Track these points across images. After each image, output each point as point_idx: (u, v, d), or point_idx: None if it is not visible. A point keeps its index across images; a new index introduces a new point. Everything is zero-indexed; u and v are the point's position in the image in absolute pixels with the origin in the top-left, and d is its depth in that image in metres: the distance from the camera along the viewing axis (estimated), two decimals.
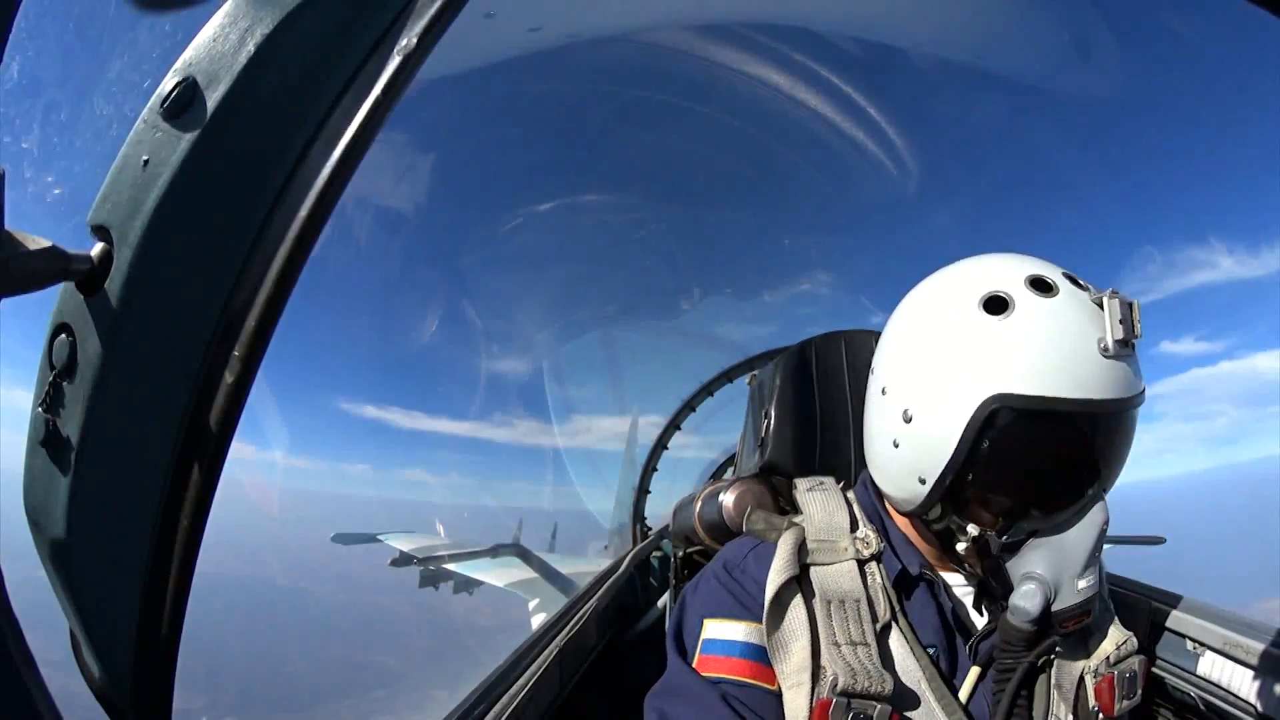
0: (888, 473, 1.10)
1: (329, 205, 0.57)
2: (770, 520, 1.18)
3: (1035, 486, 1.01)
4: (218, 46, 0.60)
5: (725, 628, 1.11)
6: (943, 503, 1.03)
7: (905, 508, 1.10)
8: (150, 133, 0.61)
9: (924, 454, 1.01)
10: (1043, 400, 0.92)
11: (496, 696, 1.63)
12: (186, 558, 0.60)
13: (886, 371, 1.08)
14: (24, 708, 0.56)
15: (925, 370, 1.01)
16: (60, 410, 0.63)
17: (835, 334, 2.09)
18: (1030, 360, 0.93)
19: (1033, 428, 0.95)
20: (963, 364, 0.97)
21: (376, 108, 0.56)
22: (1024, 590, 1.00)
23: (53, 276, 0.59)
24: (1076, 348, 0.93)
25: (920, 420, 1.01)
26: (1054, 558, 1.00)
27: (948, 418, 0.97)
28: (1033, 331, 0.94)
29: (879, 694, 0.98)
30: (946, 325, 1.01)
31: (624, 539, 5.02)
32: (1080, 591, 0.99)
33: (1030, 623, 1.00)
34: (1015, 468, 0.98)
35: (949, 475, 0.99)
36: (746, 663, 1.08)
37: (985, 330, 0.96)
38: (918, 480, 1.03)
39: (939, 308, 1.04)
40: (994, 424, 0.95)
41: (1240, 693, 1.48)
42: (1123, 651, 1.10)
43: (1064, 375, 0.92)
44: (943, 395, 0.98)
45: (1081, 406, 0.92)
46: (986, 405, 0.94)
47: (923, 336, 1.04)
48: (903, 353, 1.06)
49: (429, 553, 13.99)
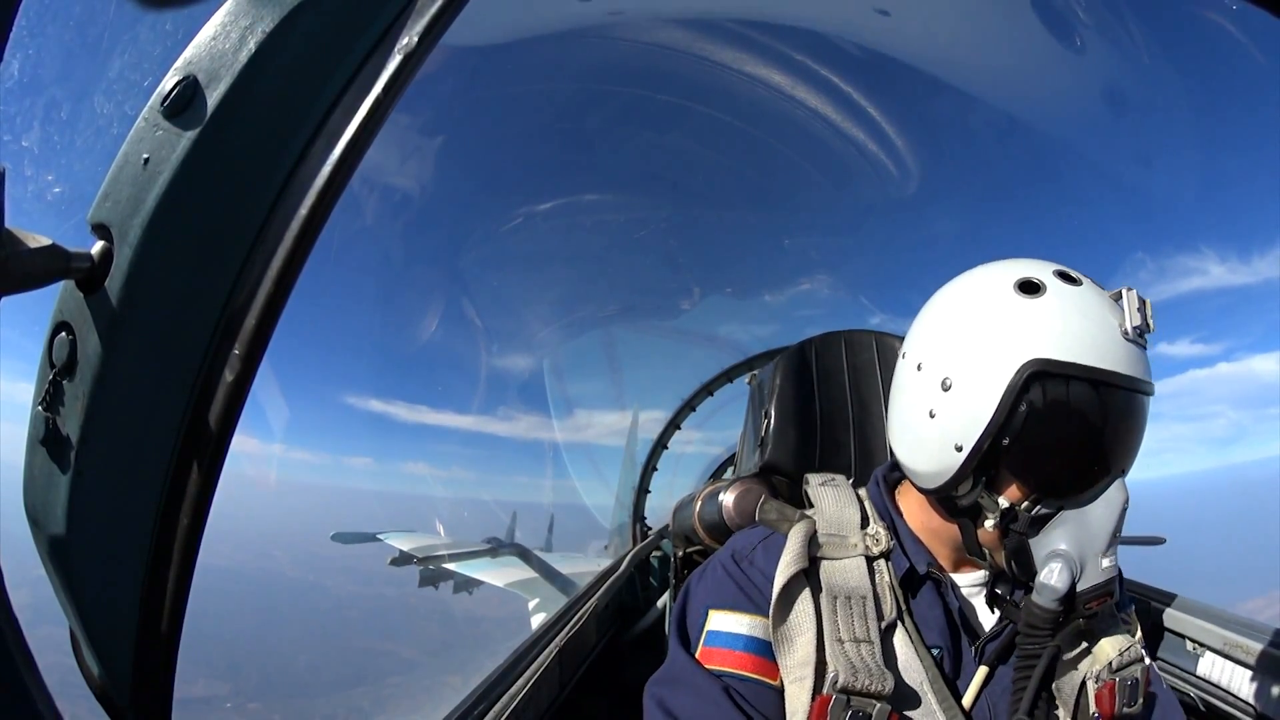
0: (921, 447, 1.11)
1: (329, 204, 0.57)
2: (783, 511, 1.18)
3: (1068, 455, 1.03)
4: (218, 45, 0.60)
5: (730, 619, 1.11)
6: (975, 474, 1.05)
7: (935, 482, 1.09)
8: (151, 131, 0.61)
9: (963, 419, 1.04)
10: (1077, 367, 0.98)
11: (496, 696, 1.63)
12: (186, 556, 0.60)
13: (922, 349, 1.12)
14: (24, 708, 0.56)
15: (964, 341, 1.06)
16: (60, 409, 0.63)
17: (835, 334, 2.09)
18: (1064, 331, 1.00)
19: (1067, 392, 1.00)
20: (1001, 333, 1.03)
21: (377, 106, 0.56)
22: (1051, 568, 1.01)
23: (53, 275, 0.59)
24: (1102, 326, 1.01)
25: (959, 387, 1.05)
26: (1079, 535, 1.01)
27: (987, 382, 1.01)
28: (1064, 309, 1.02)
29: (879, 693, 0.98)
30: (984, 303, 1.07)
31: (624, 538, 5.02)
32: (1104, 570, 1.00)
33: (1057, 601, 1.00)
34: (1050, 434, 1.01)
35: (987, 439, 1.01)
36: (749, 656, 1.08)
37: (1021, 306, 1.03)
38: (954, 448, 1.05)
39: (975, 291, 1.10)
40: (1031, 388, 1.00)
41: (1240, 693, 1.48)
42: (1126, 658, 1.09)
43: (1094, 348, 0.99)
44: (982, 362, 1.03)
45: (1110, 377, 0.98)
46: (1025, 369, 0.99)
47: (961, 314, 1.10)
48: (940, 330, 1.11)
49: (429, 552, 13.98)
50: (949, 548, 1.16)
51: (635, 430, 5.54)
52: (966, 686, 1.09)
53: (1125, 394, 1.01)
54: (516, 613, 10.88)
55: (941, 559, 1.16)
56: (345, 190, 0.58)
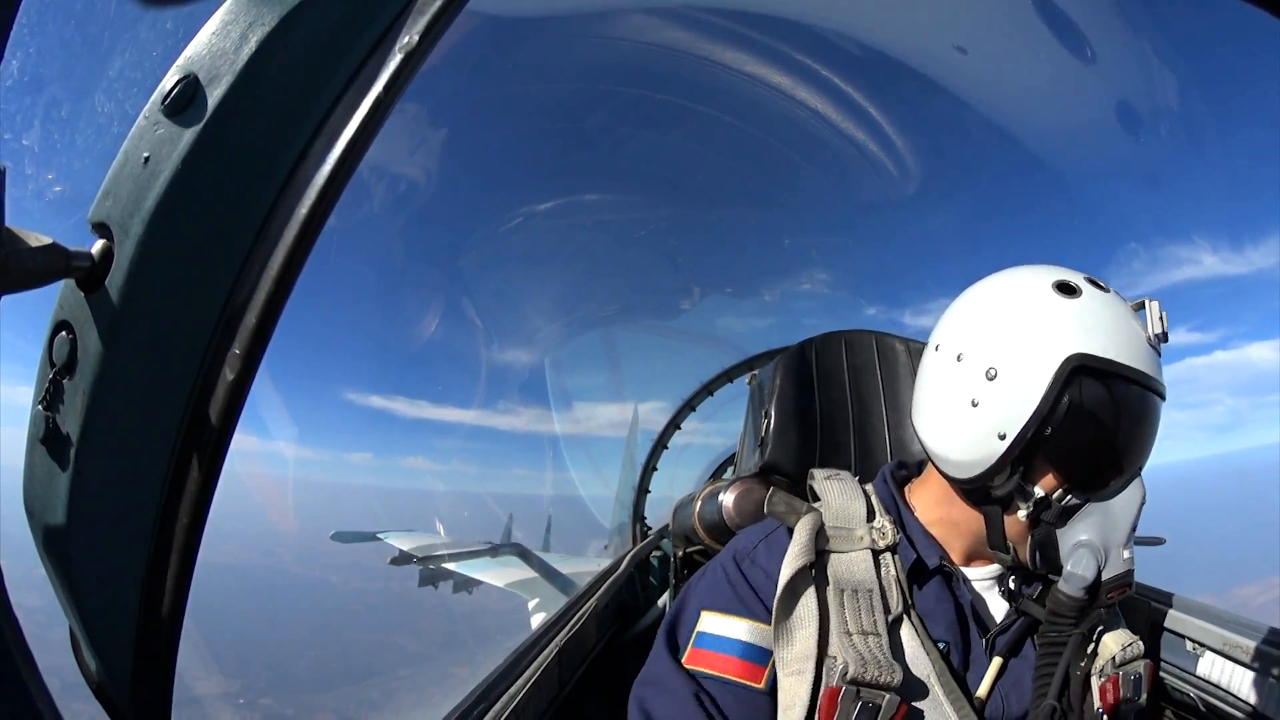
0: (960, 436, 1.12)
1: (330, 203, 0.57)
2: (791, 503, 1.19)
3: (1101, 448, 1.06)
4: (219, 44, 0.60)
5: (723, 623, 1.11)
6: (1014, 463, 1.07)
7: (973, 471, 1.10)
8: (151, 130, 0.61)
9: (1008, 408, 1.06)
10: (1117, 365, 1.03)
11: (496, 696, 1.63)
12: (186, 555, 0.60)
13: (960, 341, 1.14)
14: (24, 708, 0.56)
15: (1009, 333, 1.09)
16: (60, 408, 0.63)
17: (835, 334, 2.09)
18: (1104, 330, 1.05)
19: (1108, 388, 1.04)
20: (1046, 327, 1.06)
21: (378, 105, 0.56)
22: (1078, 557, 1.03)
23: (53, 274, 0.59)
24: (1132, 331, 1.07)
25: (1005, 376, 1.07)
26: (1103, 525, 1.04)
27: (1033, 373, 1.04)
28: (1100, 311, 1.07)
29: (888, 684, 1.00)
30: (1026, 299, 1.11)
31: (624, 539, 5.02)
32: (1125, 561, 1.04)
33: (1084, 590, 1.03)
34: (1088, 426, 1.05)
35: (1031, 427, 1.04)
36: (739, 661, 1.09)
37: (1062, 304, 1.08)
38: (997, 436, 1.07)
39: (1015, 289, 1.14)
40: (1073, 381, 1.03)
41: (1240, 693, 1.48)
42: (1129, 654, 1.11)
43: (1128, 349, 1.05)
44: (1027, 353, 1.06)
45: (1141, 378, 1.04)
46: (1069, 362, 1.03)
47: (1003, 308, 1.13)
48: (981, 323, 1.14)
49: (428, 552, 13.97)
50: (964, 541, 1.17)
51: (635, 430, 5.54)
52: (977, 679, 1.10)
53: (1151, 395, 1.07)
54: (517, 608, 10.88)
55: (953, 553, 1.18)
56: (346, 189, 0.58)
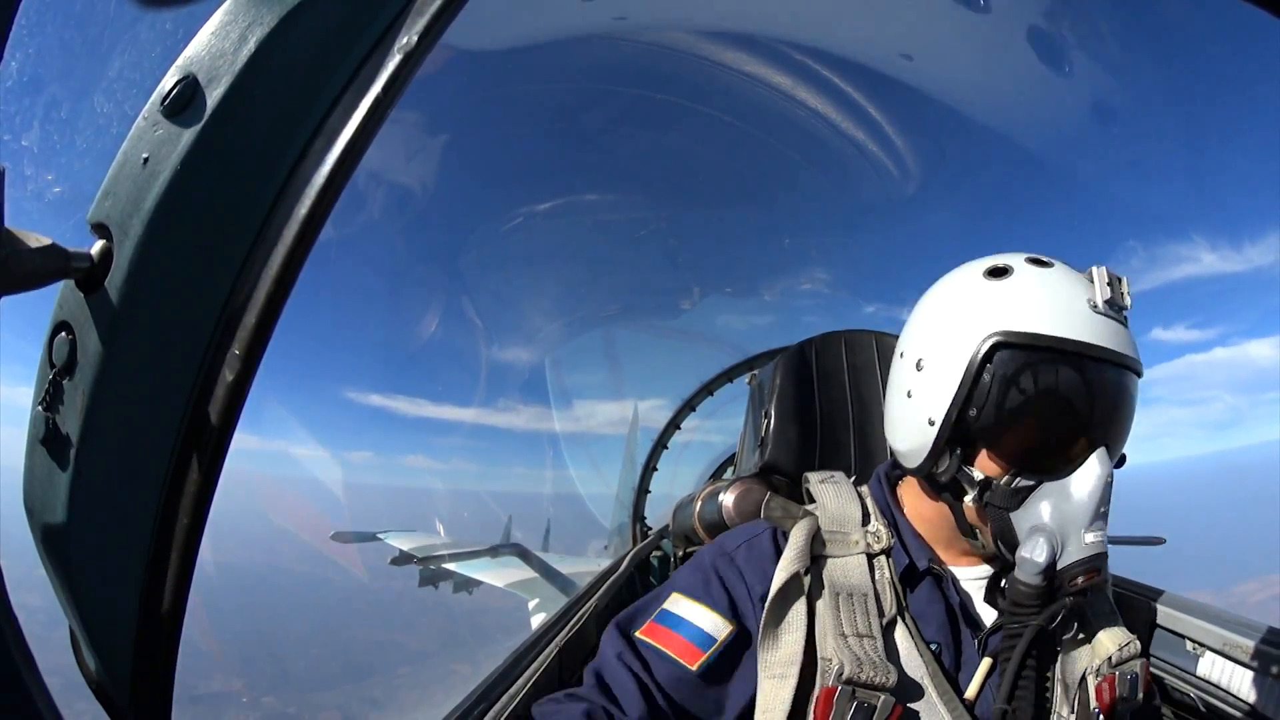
0: (902, 427, 1.15)
1: (329, 203, 0.57)
2: (788, 508, 1.20)
3: (1034, 424, 1.05)
4: (218, 44, 0.60)
5: (691, 608, 1.13)
6: (950, 447, 1.08)
7: (916, 460, 1.13)
8: (151, 130, 0.61)
9: (933, 394, 1.08)
10: (1036, 336, 1.01)
11: (496, 696, 1.62)
12: (185, 556, 0.60)
13: (905, 340, 1.18)
14: (24, 708, 0.56)
15: (936, 324, 1.12)
16: (60, 408, 0.63)
17: (835, 334, 2.09)
18: (1032, 305, 1.04)
19: (1028, 360, 1.03)
20: (968, 312, 1.08)
21: (377, 105, 0.56)
22: (1032, 542, 1.02)
23: (53, 274, 0.59)
24: (1068, 301, 1.04)
25: (930, 365, 1.10)
26: (1060, 508, 1.02)
27: (954, 357, 1.06)
28: (1029, 288, 1.06)
29: (883, 685, 1.00)
30: (955, 289, 1.14)
31: (624, 539, 5.01)
32: (1088, 545, 1.00)
33: (1039, 575, 1.00)
34: (1015, 402, 1.04)
35: (954, 409, 1.05)
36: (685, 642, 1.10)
37: (988, 287, 1.09)
38: (927, 422, 1.09)
39: (949, 281, 1.17)
40: (994, 358, 1.03)
41: (1239, 693, 1.48)
42: (1125, 654, 1.10)
43: (1056, 319, 1.02)
44: (950, 340, 1.08)
45: (1071, 346, 1.01)
46: (986, 341, 1.03)
47: (936, 301, 1.16)
48: (919, 319, 1.17)
49: (428, 551, 13.96)
50: (949, 537, 1.17)
51: (635, 430, 5.54)
52: (969, 679, 1.10)
53: (1094, 364, 1.02)
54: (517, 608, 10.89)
55: (943, 552, 1.18)
56: (346, 188, 0.58)
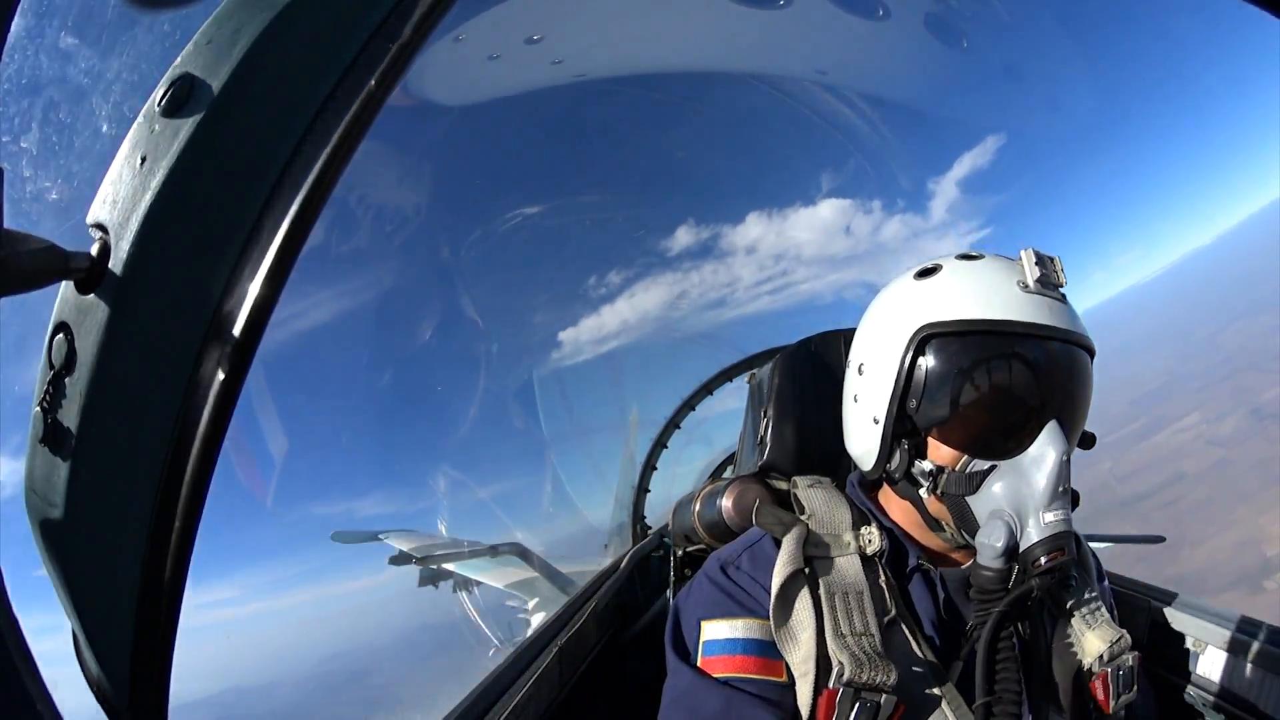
0: (854, 432, 1.19)
1: (321, 199, 0.57)
2: (779, 516, 1.19)
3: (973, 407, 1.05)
4: (214, 44, 0.60)
5: (723, 627, 1.12)
6: (895, 442, 1.10)
7: (871, 461, 1.15)
8: (148, 130, 0.61)
9: (874, 394, 1.12)
10: (962, 322, 1.04)
11: (496, 696, 1.63)
12: (180, 555, 0.60)
13: (852, 350, 1.23)
14: (24, 708, 0.56)
15: (873, 329, 1.16)
16: (59, 409, 0.63)
17: (835, 333, 2.09)
18: (957, 295, 1.07)
19: (960, 346, 1.05)
20: (899, 313, 1.12)
21: (370, 100, 0.56)
22: (987, 526, 1.02)
23: (52, 275, 0.59)
24: (995, 285, 1.05)
25: (869, 368, 1.14)
26: (1015, 489, 1.01)
27: (888, 355, 1.10)
28: (956, 279, 1.09)
29: (884, 684, 0.99)
30: (890, 294, 1.18)
31: (624, 538, 5.01)
32: (1048, 525, 0.99)
33: (999, 559, 1.00)
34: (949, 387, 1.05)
35: (894, 404, 1.08)
36: (750, 658, 1.09)
37: (917, 287, 1.12)
38: (872, 421, 1.12)
39: (887, 289, 1.20)
40: (925, 349, 1.06)
41: (1240, 692, 1.48)
42: (1116, 649, 1.10)
43: (982, 303, 1.04)
44: (884, 340, 1.12)
45: (998, 326, 1.02)
46: (915, 335, 1.06)
47: (874, 309, 1.20)
48: (861, 329, 1.22)
49: (428, 551, 13.94)
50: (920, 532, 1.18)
51: (635, 430, 5.54)
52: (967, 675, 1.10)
53: (1028, 341, 1.02)
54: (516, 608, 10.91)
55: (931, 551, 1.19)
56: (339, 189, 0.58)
